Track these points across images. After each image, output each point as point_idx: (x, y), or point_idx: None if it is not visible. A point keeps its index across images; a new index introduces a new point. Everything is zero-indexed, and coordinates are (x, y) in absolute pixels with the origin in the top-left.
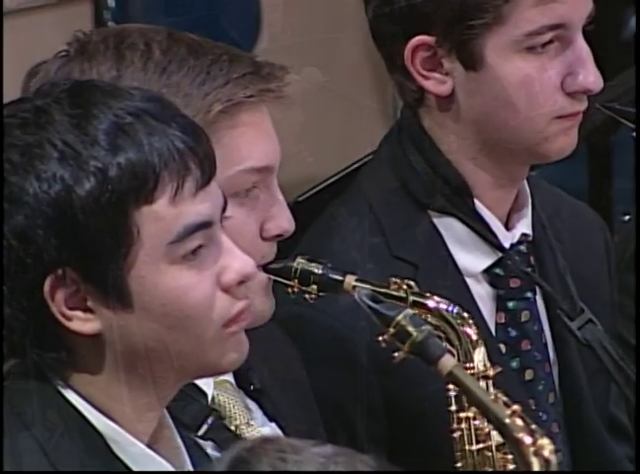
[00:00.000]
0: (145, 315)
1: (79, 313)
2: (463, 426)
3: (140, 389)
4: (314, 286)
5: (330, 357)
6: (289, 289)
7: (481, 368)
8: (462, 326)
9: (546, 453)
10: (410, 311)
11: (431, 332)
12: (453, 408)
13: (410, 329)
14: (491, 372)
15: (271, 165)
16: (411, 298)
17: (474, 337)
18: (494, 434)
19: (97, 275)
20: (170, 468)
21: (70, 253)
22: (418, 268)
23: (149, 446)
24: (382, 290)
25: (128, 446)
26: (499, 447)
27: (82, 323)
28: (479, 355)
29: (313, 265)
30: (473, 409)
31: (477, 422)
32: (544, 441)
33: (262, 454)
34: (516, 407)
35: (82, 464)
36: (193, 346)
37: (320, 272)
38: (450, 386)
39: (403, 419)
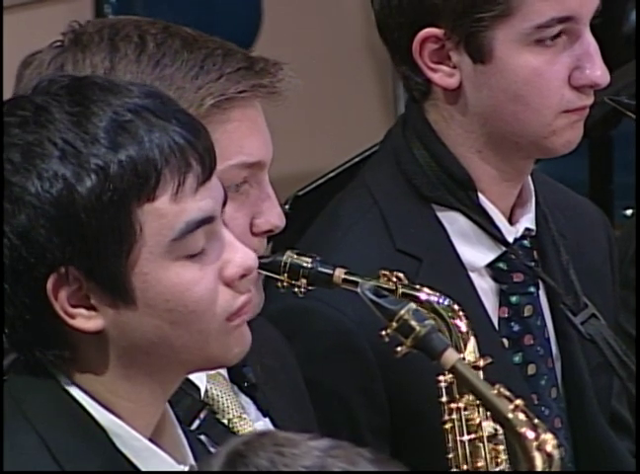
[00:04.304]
0: (149, 311)
1: (82, 311)
2: (454, 416)
3: (143, 384)
4: (304, 280)
5: (335, 350)
6: (279, 284)
7: (472, 359)
8: (453, 318)
9: (549, 448)
10: (413, 305)
11: (434, 326)
12: (444, 399)
13: (413, 323)
14: (481, 363)
15: (262, 160)
16: (400, 290)
17: (464, 328)
18: (485, 424)
19: (100, 272)
20: (173, 463)
21: (73, 251)
22: (422, 261)
23: (152, 441)
24: (372, 283)
25: (131, 441)
26: (490, 438)
27: (85, 321)
28: (470, 347)
29: (303, 258)
30: (464, 400)
31: (467, 412)
32: (547, 436)
33: (258, 448)
34: (518, 401)
35: (85, 459)
36: (196, 340)
37: (309, 265)
38: (440, 377)
39: (407, 413)
